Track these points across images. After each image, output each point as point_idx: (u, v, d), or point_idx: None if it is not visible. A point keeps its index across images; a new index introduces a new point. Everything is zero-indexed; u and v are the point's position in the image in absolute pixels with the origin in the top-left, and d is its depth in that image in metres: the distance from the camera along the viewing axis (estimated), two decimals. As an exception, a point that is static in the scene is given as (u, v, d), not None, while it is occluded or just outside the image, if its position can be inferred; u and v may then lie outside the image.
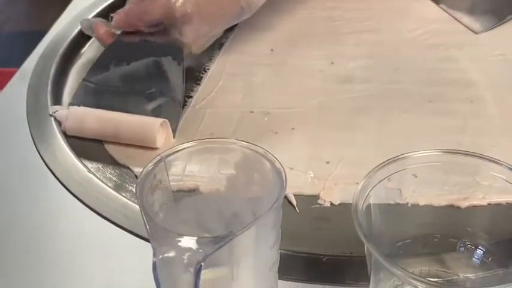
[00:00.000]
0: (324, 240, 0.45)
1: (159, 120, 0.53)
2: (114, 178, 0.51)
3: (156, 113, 0.55)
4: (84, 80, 0.59)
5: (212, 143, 0.38)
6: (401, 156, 0.39)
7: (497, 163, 0.38)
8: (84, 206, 0.47)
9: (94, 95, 0.57)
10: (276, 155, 0.49)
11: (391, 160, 0.38)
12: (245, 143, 0.37)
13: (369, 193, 0.37)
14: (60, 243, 0.47)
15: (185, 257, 0.31)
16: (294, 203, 0.48)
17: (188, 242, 0.31)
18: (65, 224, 0.48)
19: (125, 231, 0.45)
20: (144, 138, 0.53)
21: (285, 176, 0.35)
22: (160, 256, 0.31)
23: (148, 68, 0.58)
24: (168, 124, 0.54)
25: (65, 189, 0.49)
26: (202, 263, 0.31)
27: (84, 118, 0.54)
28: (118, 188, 0.49)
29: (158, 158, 0.37)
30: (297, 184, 0.50)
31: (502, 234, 0.39)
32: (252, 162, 0.37)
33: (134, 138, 0.53)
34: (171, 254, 0.31)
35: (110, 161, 0.52)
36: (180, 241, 0.31)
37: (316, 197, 0.49)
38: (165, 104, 0.56)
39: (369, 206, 0.37)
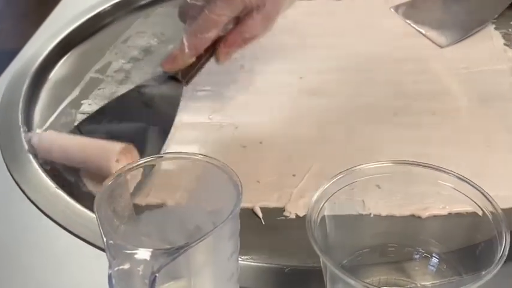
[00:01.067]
0: (288, 251, 0.46)
1: (120, 145, 0.51)
2: (82, 194, 0.51)
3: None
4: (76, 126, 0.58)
5: (172, 157, 0.39)
6: (355, 168, 0.40)
7: (455, 175, 0.39)
8: (52, 222, 0.48)
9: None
10: (244, 168, 0.50)
11: (344, 172, 0.40)
12: (204, 156, 0.38)
13: (323, 205, 0.38)
14: (27, 258, 0.47)
15: (140, 269, 0.32)
16: (260, 215, 0.49)
17: (143, 254, 0.32)
18: (32, 239, 0.48)
19: (92, 246, 0.46)
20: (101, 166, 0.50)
21: (241, 188, 0.36)
22: (116, 268, 0.32)
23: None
24: (134, 149, 0.52)
25: (33, 205, 0.50)
26: (157, 274, 0.32)
27: (52, 146, 0.53)
28: (86, 203, 0.50)
29: (118, 172, 0.37)
30: (264, 197, 0.51)
31: (456, 243, 0.40)
32: (211, 175, 0.38)
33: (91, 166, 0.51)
34: (126, 266, 0.32)
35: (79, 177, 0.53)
36: (135, 253, 0.32)
37: (282, 209, 0.50)
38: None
39: (323, 217, 0.38)
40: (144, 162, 0.38)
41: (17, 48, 0.71)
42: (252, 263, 0.44)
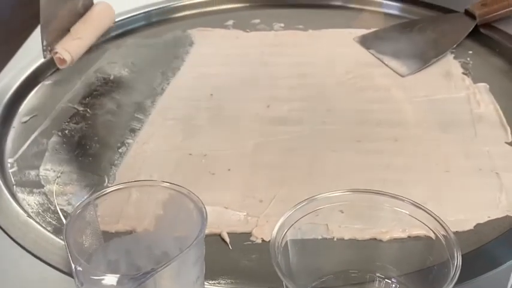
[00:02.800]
0: (254, 275, 0.47)
1: None
2: (53, 222, 0.52)
3: None
4: None
5: (139, 184, 0.40)
6: (318, 196, 0.42)
7: (410, 202, 0.41)
8: (23, 250, 0.49)
9: None
10: (212, 195, 0.52)
11: (308, 200, 0.41)
12: (170, 184, 0.40)
13: (287, 231, 0.40)
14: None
15: (107, 294, 0.33)
16: (227, 240, 0.50)
17: (110, 279, 0.33)
18: (4, 268, 0.49)
19: (64, 274, 0.47)
20: None
21: (206, 214, 0.38)
22: (84, 294, 0.33)
23: None
24: None
25: (4, 234, 0.50)
26: (124, 299, 0.33)
27: None
28: (57, 231, 0.51)
29: (87, 200, 0.39)
30: (231, 223, 0.52)
31: (412, 266, 0.42)
32: (177, 202, 0.40)
33: None
34: (94, 291, 0.33)
35: (50, 205, 0.54)
36: (102, 279, 0.33)
37: (249, 234, 0.51)
38: None
39: (287, 243, 0.40)
40: (113, 190, 0.40)
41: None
42: (220, 287, 0.46)
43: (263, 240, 0.50)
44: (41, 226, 0.51)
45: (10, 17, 2.42)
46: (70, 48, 0.66)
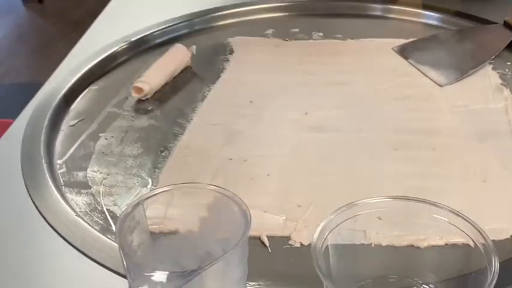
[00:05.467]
0: (292, 277, 0.49)
1: None
2: (100, 221, 0.55)
3: None
4: None
5: (185, 187, 0.42)
6: (357, 202, 0.43)
7: (449, 210, 0.42)
8: (71, 247, 0.51)
9: None
10: (252, 199, 0.53)
11: (347, 206, 0.43)
12: (215, 186, 0.42)
13: (327, 235, 0.41)
14: (48, 282, 0.50)
15: (157, 290, 0.35)
16: (267, 243, 0.52)
17: (160, 276, 0.35)
18: (53, 264, 0.51)
19: (109, 271, 0.49)
20: None
21: (250, 216, 0.39)
22: (135, 289, 0.35)
23: None
24: None
25: (54, 232, 0.53)
26: (173, 295, 0.35)
27: None
28: (104, 230, 0.53)
29: (137, 201, 0.41)
30: (270, 226, 0.54)
31: (450, 273, 0.43)
32: (222, 204, 0.41)
33: None
34: (145, 287, 0.35)
35: (97, 206, 0.56)
36: (152, 276, 0.35)
37: (287, 238, 0.52)
38: None
39: (327, 247, 0.41)
40: (161, 192, 0.42)
41: (30, 82, 0.74)
42: (260, 289, 0.47)
43: (301, 244, 0.52)
44: (89, 225, 0.53)
45: (48, 25, 2.49)
46: (149, 80, 0.71)
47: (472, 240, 0.41)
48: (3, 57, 2.26)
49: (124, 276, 0.47)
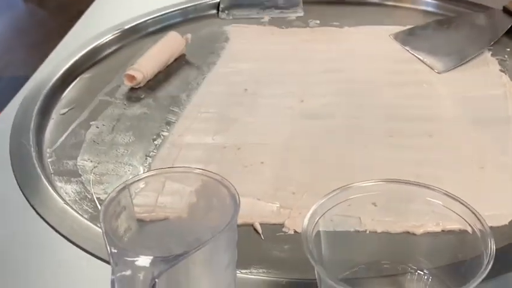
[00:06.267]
0: (285, 265, 0.48)
1: None
2: (90, 210, 0.53)
3: None
4: None
5: (172, 171, 0.41)
6: (350, 185, 0.42)
7: (443, 193, 0.41)
8: (59, 235, 0.50)
9: None
10: (245, 187, 0.53)
11: (340, 189, 0.41)
12: (203, 170, 0.40)
13: (318, 219, 0.40)
14: (36, 270, 0.49)
15: (141, 275, 0.33)
16: (260, 230, 0.51)
17: (144, 260, 0.34)
18: (41, 253, 0.50)
19: (98, 259, 0.48)
20: None
21: (239, 200, 0.38)
22: (118, 274, 0.34)
23: None
24: None
25: (43, 221, 0.52)
26: (157, 280, 0.33)
27: None
28: (93, 219, 0.52)
29: (122, 185, 0.39)
30: (264, 214, 0.53)
31: (446, 259, 0.41)
32: (210, 188, 0.40)
33: None
34: (128, 272, 0.34)
35: (87, 194, 0.55)
36: (136, 260, 0.34)
37: (281, 225, 0.51)
38: None
39: (318, 233, 0.40)
40: (147, 176, 0.40)
41: (29, 76, 0.73)
42: (251, 276, 0.46)
43: (295, 232, 0.51)
44: (78, 213, 0.52)
45: (48, 20, 2.48)
46: (142, 68, 0.69)
47: (469, 224, 0.39)
48: (3, 52, 2.25)
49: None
